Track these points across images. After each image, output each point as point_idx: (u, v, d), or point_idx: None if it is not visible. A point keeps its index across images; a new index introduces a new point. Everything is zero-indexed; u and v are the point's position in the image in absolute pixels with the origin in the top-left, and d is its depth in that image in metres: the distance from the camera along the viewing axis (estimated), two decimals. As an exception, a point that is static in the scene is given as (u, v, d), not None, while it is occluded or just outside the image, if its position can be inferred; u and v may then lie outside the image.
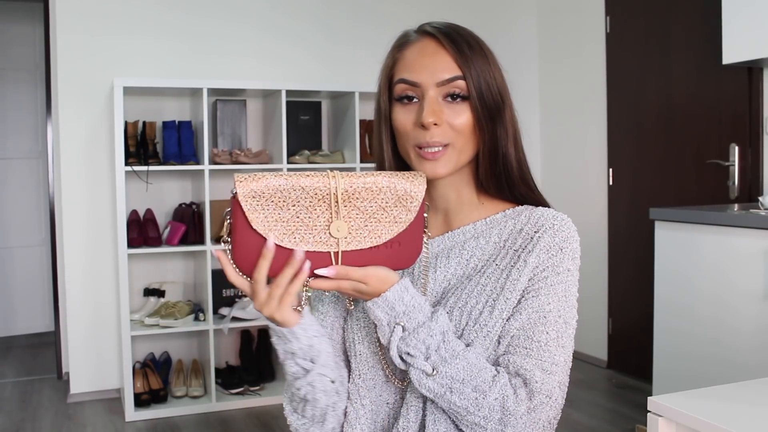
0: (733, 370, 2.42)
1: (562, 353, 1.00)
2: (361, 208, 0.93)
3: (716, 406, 1.18)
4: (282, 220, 0.91)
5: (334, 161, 3.79)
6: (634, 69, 3.84)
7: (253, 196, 0.90)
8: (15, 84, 5.12)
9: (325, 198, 0.92)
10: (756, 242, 2.36)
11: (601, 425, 3.23)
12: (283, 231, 0.92)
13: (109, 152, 3.65)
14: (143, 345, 3.74)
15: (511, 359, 0.98)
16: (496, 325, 0.99)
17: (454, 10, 4.21)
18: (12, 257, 5.15)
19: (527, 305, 1.00)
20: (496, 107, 1.02)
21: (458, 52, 1.00)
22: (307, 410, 1.04)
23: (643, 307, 3.41)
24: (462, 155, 1.03)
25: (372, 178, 0.94)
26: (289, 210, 0.91)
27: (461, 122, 1.01)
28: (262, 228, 0.91)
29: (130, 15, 3.72)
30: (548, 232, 1.03)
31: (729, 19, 2.86)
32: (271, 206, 0.91)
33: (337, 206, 0.92)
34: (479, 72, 1.01)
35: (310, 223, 0.92)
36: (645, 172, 3.79)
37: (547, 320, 0.99)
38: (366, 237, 0.94)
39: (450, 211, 1.10)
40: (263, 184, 0.90)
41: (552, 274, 1.01)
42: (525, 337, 0.99)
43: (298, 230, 0.92)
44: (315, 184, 0.91)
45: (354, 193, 0.93)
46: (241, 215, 0.90)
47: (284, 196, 0.91)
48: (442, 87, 1.00)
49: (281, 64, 4.00)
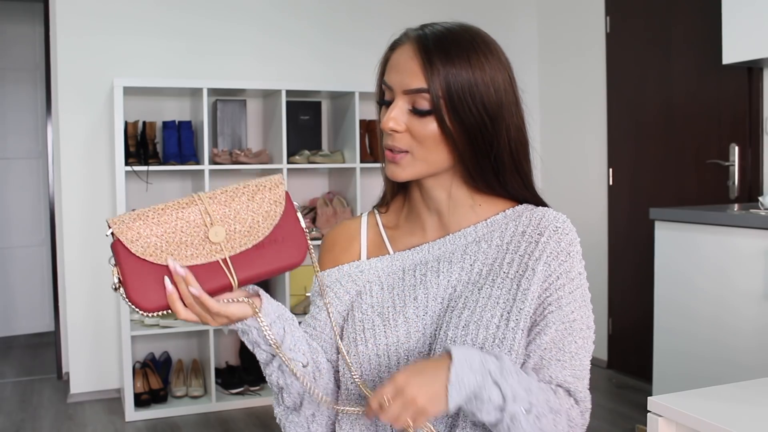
0: (734, 370, 2.42)
1: (588, 357, 1.04)
2: (229, 212, 0.93)
3: (716, 406, 1.18)
4: (160, 243, 0.90)
5: (334, 161, 3.79)
6: (634, 69, 3.84)
7: (127, 233, 0.89)
8: (15, 84, 5.12)
9: (194, 213, 0.91)
10: (756, 242, 2.36)
11: (601, 425, 3.23)
12: (164, 253, 0.90)
13: (109, 152, 3.65)
14: (143, 345, 3.74)
15: (549, 373, 1.01)
16: (516, 337, 1.00)
17: (454, 10, 4.20)
18: (12, 257, 5.15)
19: (554, 318, 1.01)
20: (475, 119, 0.99)
21: (427, 63, 0.97)
22: (284, 398, 1.05)
23: (643, 307, 3.41)
24: (428, 164, 1.02)
25: (225, 189, 0.95)
26: (164, 229, 0.90)
27: (424, 133, 0.99)
28: (149, 252, 0.89)
29: (130, 15, 3.72)
30: (553, 237, 1.03)
31: (729, 19, 2.86)
32: (146, 230, 0.89)
33: (209, 216, 0.91)
34: (452, 84, 0.97)
35: (187, 239, 0.91)
36: (645, 172, 3.79)
37: (573, 329, 1.02)
38: (245, 237, 0.93)
39: (442, 213, 1.09)
40: (134, 221, 0.89)
41: (567, 281, 1.02)
42: (557, 349, 1.01)
43: (178, 249, 0.90)
44: (181, 205, 0.91)
45: (215, 197, 0.93)
46: (126, 252, 0.89)
47: (156, 221, 0.90)
48: (409, 96, 0.99)
49: (281, 64, 4.00)
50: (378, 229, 1.16)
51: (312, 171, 4.01)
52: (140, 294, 0.89)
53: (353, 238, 1.16)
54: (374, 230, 1.16)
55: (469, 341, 1.00)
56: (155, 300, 0.90)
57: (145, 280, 0.89)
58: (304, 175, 3.99)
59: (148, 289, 0.89)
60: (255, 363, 3.78)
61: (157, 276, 0.89)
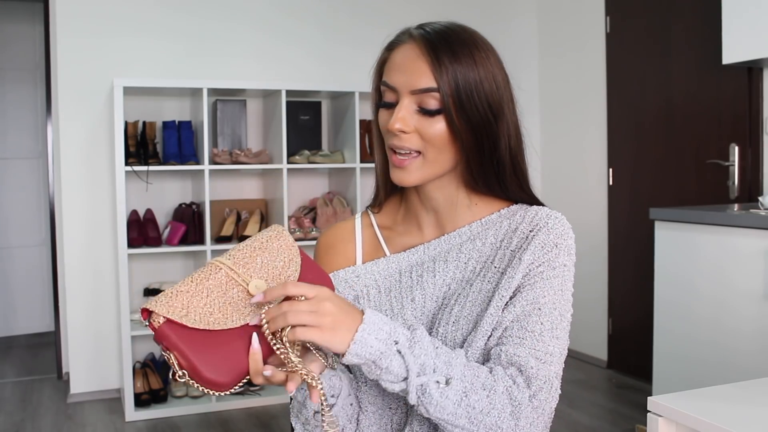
0: (733, 370, 2.42)
1: (556, 344, 0.98)
2: (255, 266, 0.90)
3: (716, 406, 1.18)
4: (209, 310, 0.86)
5: (334, 161, 3.79)
6: (634, 69, 3.84)
7: (174, 309, 0.84)
8: (15, 84, 5.12)
9: (222, 277, 0.88)
10: (756, 242, 2.36)
11: (601, 425, 3.23)
12: (216, 320, 0.86)
13: (109, 152, 3.65)
14: (143, 345, 3.74)
15: (504, 349, 0.96)
16: (493, 321, 0.98)
17: (453, 11, 4.20)
18: (12, 257, 5.15)
19: (522, 297, 0.99)
20: (481, 117, 0.99)
21: (436, 62, 0.97)
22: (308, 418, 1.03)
23: (643, 307, 3.41)
24: (436, 165, 1.02)
25: (239, 247, 0.92)
26: (203, 300, 0.86)
27: (433, 133, 0.99)
28: (204, 322, 0.85)
29: (130, 15, 3.72)
30: (543, 230, 1.02)
31: (729, 19, 2.86)
32: (189, 302, 0.85)
33: (237, 275, 0.88)
34: (461, 82, 0.97)
35: (228, 300, 0.87)
36: (645, 172, 3.79)
37: (541, 312, 0.98)
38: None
39: (440, 213, 1.09)
40: (176, 297, 0.85)
41: (548, 269, 1.00)
42: (519, 327, 0.97)
43: (224, 312, 0.86)
44: (206, 276, 0.88)
45: (234, 258, 0.90)
46: (179, 330, 0.83)
47: (191, 293, 0.86)
48: (416, 95, 0.98)
49: (281, 64, 4.00)
50: (373, 229, 1.16)
51: (312, 171, 4.01)
52: (212, 369, 0.83)
53: (348, 241, 1.15)
54: (369, 231, 1.16)
55: (459, 336, 0.99)
56: (230, 370, 0.84)
57: (213, 352, 0.84)
58: (304, 175, 3.99)
59: (219, 360, 0.84)
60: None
61: (223, 345, 0.84)
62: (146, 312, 0.84)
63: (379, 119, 1.04)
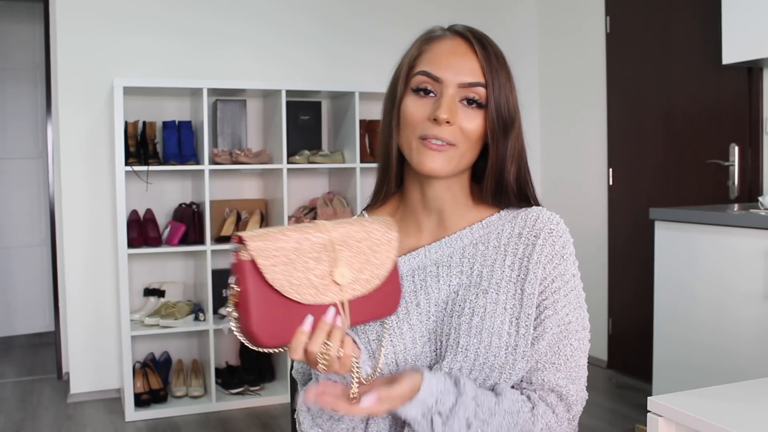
0: (734, 370, 2.42)
1: (583, 357, 1.06)
2: (351, 251, 0.92)
3: (716, 406, 1.18)
4: (289, 276, 0.86)
5: (334, 161, 3.79)
6: (634, 69, 3.84)
7: (265, 255, 0.84)
8: (15, 84, 5.12)
9: (324, 248, 0.89)
10: (756, 242, 2.36)
11: (601, 425, 3.23)
12: (292, 286, 0.87)
13: (109, 152, 3.64)
14: (143, 345, 3.74)
15: (543, 376, 1.04)
16: (527, 344, 1.02)
17: (454, 11, 4.20)
18: (12, 257, 5.15)
19: (550, 323, 1.03)
20: (508, 122, 1.04)
21: (486, 60, 1.02)
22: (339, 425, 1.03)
23: (643, 307, 3.41)
24: (463, 160, 1.04)
25: (350, 227, 0.93)
26: (295, 266, 0.87)
27: (472, 127, 1.02)
28: (279, 283, 0.85)
29: (130, 15, 3.72)
30: (548, 240, 1.05)
31: (729, 19, 2.86)
32: (278, 262, 0.86)
33: (334, 254, 0.89)
34: (500, 84, 1.02)
35: (312, 275, 0.88)
36: (645, 172, 3.79)
37: (569, 332, 1.04)
38: (362, 282, 0.92)
39: (444, 213, 1.10)
40: (273, 244, 0.85)
41: (562, 284, 1.05)
42: (552, 353, 1.04)
43: (302, 283, 0.87)
44: (313, 238, 0.89)
45: (342, 241, 0.91)
46: (257, 276, 0.84)
47: (289, 251, 0.87)
48: (462, 89, 1.01)
49: (281, 64, 4.00)
50: None
51: (312, 171, 4.01)
52: (263, 326, 0.84)
53: None
54: None
55: (482, 349, 1.01)
56: (276, 334, 0.85)
57: (272, 312, 0.85)
58: (304, 175, 3.98)
59: (272, 321, 0.85)
60: (255, 363, 3.78)
61: (284, 310, 0.85)
62: (239, 239, 0.85)
63: (412, 108, 1.03)
